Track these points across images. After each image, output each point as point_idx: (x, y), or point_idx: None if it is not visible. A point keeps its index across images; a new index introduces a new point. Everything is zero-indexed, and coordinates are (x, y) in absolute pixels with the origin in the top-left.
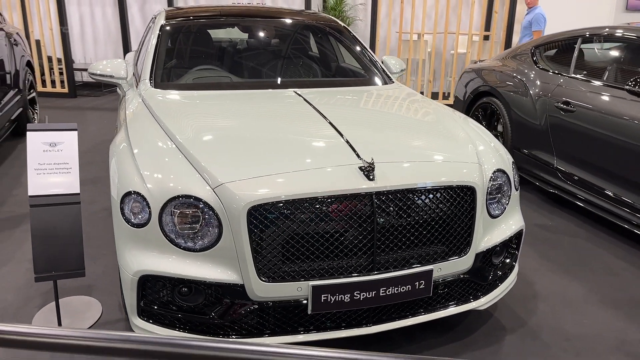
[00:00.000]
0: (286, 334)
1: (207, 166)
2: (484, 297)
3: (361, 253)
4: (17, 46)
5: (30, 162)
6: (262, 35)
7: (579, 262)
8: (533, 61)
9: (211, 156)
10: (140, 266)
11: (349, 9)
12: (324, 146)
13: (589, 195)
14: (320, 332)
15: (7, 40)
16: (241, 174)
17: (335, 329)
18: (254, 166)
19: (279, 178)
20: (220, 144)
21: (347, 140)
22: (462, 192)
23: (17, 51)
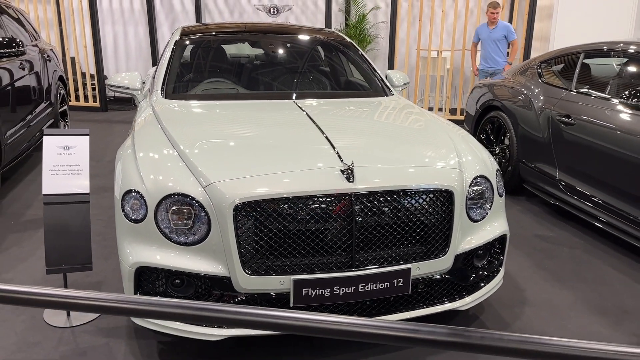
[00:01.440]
0: None
1: (201, 167)
2: (466, 298)
3: (341, 250)
4: (50, 62)
5: (46, 163)
6: (269, 49)
7: (573, 272)
8: (538, 76)
9: (206, 159)
10: (137, 258)
11: (370, 26)
12: (310, 151)
13: (589, 207)
14: None
15: (41, 56)
16: (230, 175)
17: None
18: (243, 168)
19: (265, 179)
20: (216, 148)
21: (333, 146)
22: (440, 196)
23: (49, 66)
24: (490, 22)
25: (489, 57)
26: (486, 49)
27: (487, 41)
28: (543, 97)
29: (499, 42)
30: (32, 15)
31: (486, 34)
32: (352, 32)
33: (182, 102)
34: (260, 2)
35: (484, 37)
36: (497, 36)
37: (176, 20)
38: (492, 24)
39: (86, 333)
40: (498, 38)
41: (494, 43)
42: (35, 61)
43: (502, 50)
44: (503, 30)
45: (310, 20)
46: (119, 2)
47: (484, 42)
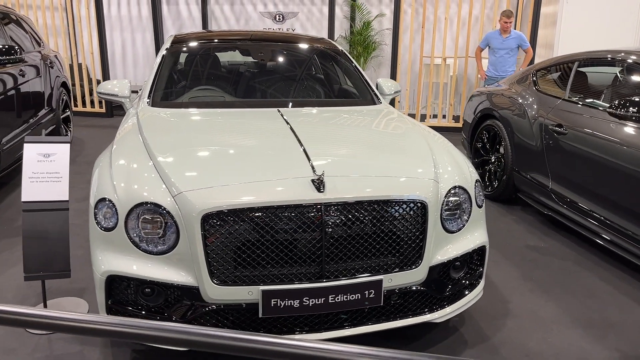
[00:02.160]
0: None
1: (172, 176)
2: (441, 310)
3: (310, 261)
4: (52, 68)
5: (25, 170)
6: (258, 58)
7: (561, 283)
8: (533, 84)
9: (178, 168)
10: (108, 267)
11: (375, 33)
12: (284, 160)
13: (580, 217)
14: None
15: (43, 62)
16: (200, 184)
17: (287, 333)
18: (214, 177)
19: (234, 188)
20: (190, 157)
21: (308, 155)
22: (414, 207)
23: (52, 73)
24: (503, 30)
25: (500, 66)
26: (497, 57)
27: (499, 50)
28: (537, 106)
29: (512, 51)
30: (41, 22)
31: (499, 42)
32: (356, 39)
33: (167, 110)
34: (266, 9)
35: (496, 45)
36: (510, 45)
37: (183, 27)
38: (505, 33)
39: (62, 340)
40: (512, 47)
41: (507, 52)
42: (35, 68)
43: (513, 60)
44: (517, 40)
45: (315, 27)
46: (127, 9)
47: (496, 50)
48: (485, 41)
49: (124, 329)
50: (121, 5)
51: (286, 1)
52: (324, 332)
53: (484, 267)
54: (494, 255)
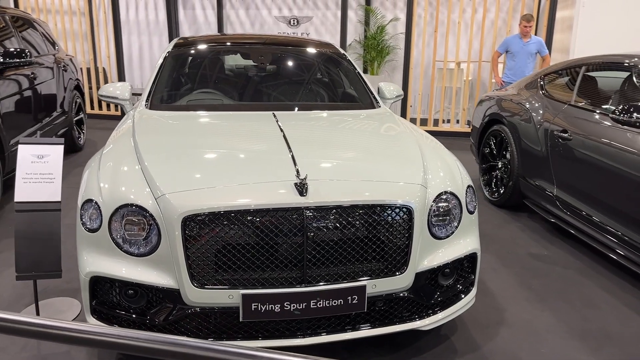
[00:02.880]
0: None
1: (156, 179)
2: (429, 317)
3: (292, 265)
4: (66, 71)
5: (19, 171)
6: (258, 62)
7: (560, 292)
8: (540, 88)
9: (163, 170)
10: (92, 268)
11: (389, 38)
12: (269, 164)
13: (584, 225)
14: (251, 340)
15: (56, 65)
16: (182, 186)
17: (269, 337)
18: (197, 180)
19: (216, 191)
20: (177, 159)
21: (294, 159)
22: (399, 212)
23: (65, 76)
24: (523, 35)
25: (519, 71)
26: (517, 62)
27: (519, 54)
28: (542, 111)
29: (531, 56)
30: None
31: (519, 47)
32: (370, 44)
33: (164, 112)
34: (280, 13)
35: (516, 50)
36: (531, 50)
37: (199, 31)
38: (526, 37)
39: None
40: (531, 52)
41: (527, 57)
42: (48, 71)
43: (532, 66)
44: (537, 45)
45: (329, 32)
46: (144, 13)
47: (516, 55)
48: (504, 45)
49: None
50: (139, 9)
51: (301, 5)
52: (306, 337)
53: (475, 274)
54: (493, 262)
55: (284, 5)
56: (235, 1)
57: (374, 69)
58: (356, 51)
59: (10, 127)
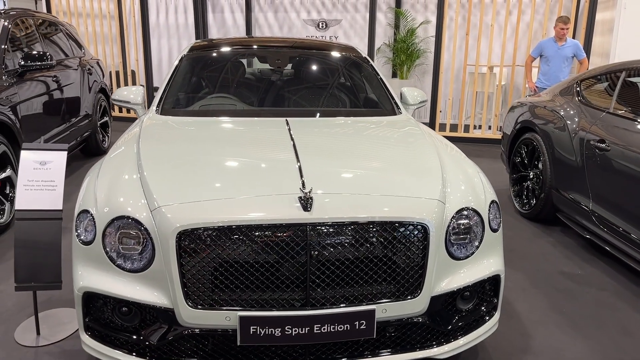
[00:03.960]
0: None
1: (153, 190)
2: (446, 345)
3: (294, 286)
4: (91, 74)
5: (21, 178)
6: (274, 65)
7: (594, 317)
8: (576, 94)
9: (162, 180)
10: (85, 282)
11: (419, 41)
12: (274, 175)
13: (622, 243)
14: None
15: (81, 69)
16: (179, 198)
17: None
18: (196, 191)
19: (214, 204)
20: (178, 169)
21: (302, 171)
22: (412, 230)
23: (90, 79)
24: (559, 38)
25: (553, 76)
26: (551, 66)
27: (554, 58)
28: (578, 119)
29: (567, 60)
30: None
31: (553, 51)
32: (399, 47)
33: (174, 118)
34: (309, 16)
35: (551, 54)
36: (566, 54)
37: (227, 34)
38: (561, 41)
39: (48, 354)
40: (567, 56)
41: (562, 61)
42: (71, 74)
43: (567, 71)
44: (573, 49)
45: (358, 35)
46: (174, 17)
47: (550, 59)
48: (538, 49)
49: None
50: (168, 13)
51: (330, 8)
52: None
53: (498, 298)
54: (521, 281)
55: (313, 8)
56: (264, 4)
57: (403, 73)
58: (385, 55)
59: (30, 130)
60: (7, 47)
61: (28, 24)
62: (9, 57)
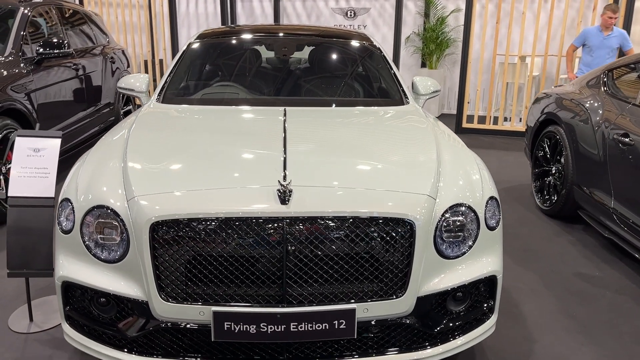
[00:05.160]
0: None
1: (132, 179)
2: (434, 348)
3: (270, 282)
4: (114, 63)
5: (15, 165)
6: (281, 53)
7: (607, 323)
8: (603, 85)
9: (143, 170)
10: (64, 272)
11: (450, 30)
12: (257, 166)
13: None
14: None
15: (102, 57)
16: (157, 188)
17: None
18: (174, 182)
19: (191, 195)
20: (162, 158)
21: (285, 162)
22: (398, 226)
23: (113, 67)
24: (605, 27)
25: (596, 67)
26: (595, 57)
27: (598, 49)
28: (602, 111)
29: (612, 51)
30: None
31: (599, 41)
32: (428, 36)
33: (173, 106)
34: (337, 5)
35: (596, 44)
36: (612, 44)
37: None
38: (607, 30)
39: (38, 341)
40: (613, 47)
41: (607, 52)
42: (92, 62)
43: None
44: (620, 39)
45: (387, 24)
46: (203, 6)
47: (594, 49)
48: (581, 38)
49: None
50: (198, 2)
51: None
52: None
53: (495, 300)
54: (533, 282)
55: None
56: None
57: (432, 62)
58: (414, 44)
59: (46, 118)
60: (26, 34)
61: (50, 12)
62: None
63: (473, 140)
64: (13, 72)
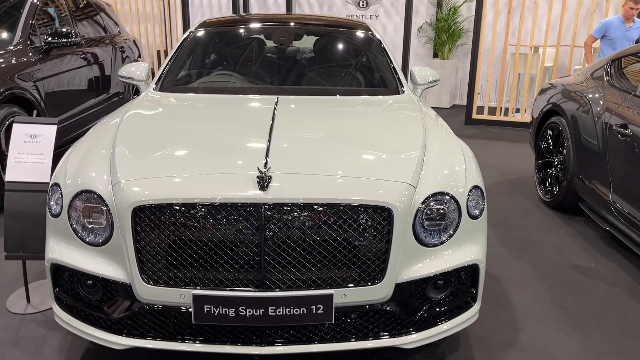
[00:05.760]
0: (171, 340)
1: (118, 165)
2: (413, 334)
3: (248, 267)
4: (124, 52)
5: (12, 151)
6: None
7: (598, 314)
8: (606, 75)
9: (129, 156)
10: (53, 254)
11: (462, 20)
12: (239, 153)
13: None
14: (206, 344)
15: (112, 47)
16: (140, 174)
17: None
18: (157, 168)
19: (173, 180)
20: (149, 144)
21: (268, 149)
22: (376, 214)
23: (122, 57)
24: (626, 18)
25: None
26: (616, 49)
27: (619, 41)
28: (603, 102)
29: (633, 43)
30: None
31: (620, 33)
32: (441, 26)
33: (170, 94)
34: None
35: (617, 36)
36: (633, 36)
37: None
38: (629, 21)
39: (34, 322)
40: (634, 39)
41: (629, 44)
42: (101, 52)
43: None
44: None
45: (399, 14)
46: None
47: (616, 42)
48: (601, 29)
49: None
50: None
51: None
52: (265, 346)
53: (477, 288)
54: (526, 272)
55: None
56: None
57: (444, 53)
58: (426, 34)
59: (53, 106)
60: (34, 23)
61: (59, 2)
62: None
63: (482, 131)
64: (21, 61)
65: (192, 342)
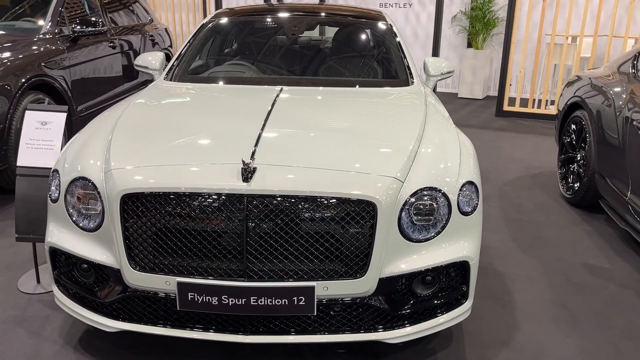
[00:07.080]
0: (154, 325)
1: (112, 152)
2: (398, 329)
3: (231, 257)
4: (153, 41)
5: (24, 137)
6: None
7: (601, 316)
8: (632, 68)
9: (124, 144)
10: (51, 238)
11: (498, 8)
12: (229, 143)
13: None
14: (189, 330)
15: (142, 36)
16: (130, 162)
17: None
18: (148, 156)
19: (160, 169)
20: (144, 133)
21: (258, 140)
22: (359, 207)
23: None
24: None
25: None
26: None
27: None
28: (626, 95)
29: None
30: None
31: None
32: (475, 15)
33: (178, 84)
34: None
35: None
36: None
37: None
38: None
39: (40, 302)
40: None
41: None
42: (129, 40)
43: None
44: None
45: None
46: None
47: None
48: None
49: None
50: None
51: None
52: (248, 335)
53: (468, 285)
54: (532, 269)
55: None
56: None
57: (478, 43)
58: (461, 23)
59: (81, 94)
60: (63, 12)
61: None
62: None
63: (512, 123)
64: (49, 49)
65: (179, 328)
